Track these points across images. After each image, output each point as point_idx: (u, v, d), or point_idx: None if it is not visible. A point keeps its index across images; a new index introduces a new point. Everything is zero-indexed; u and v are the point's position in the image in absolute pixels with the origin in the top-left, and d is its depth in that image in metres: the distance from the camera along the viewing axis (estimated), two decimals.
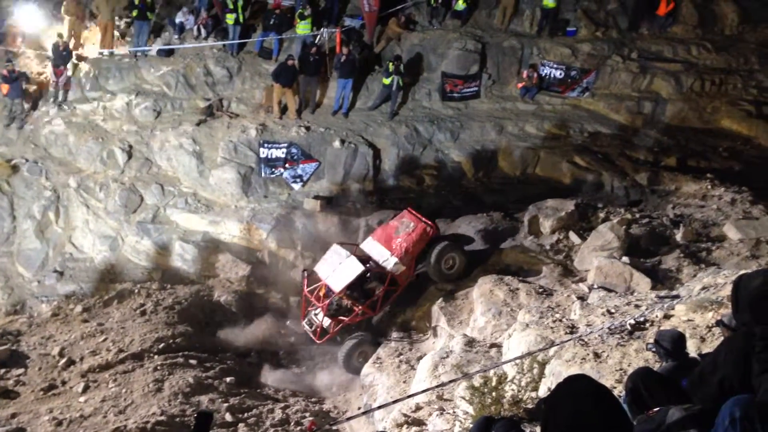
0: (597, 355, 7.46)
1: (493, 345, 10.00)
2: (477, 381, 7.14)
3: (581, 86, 18.79)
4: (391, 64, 17.37)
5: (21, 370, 12.53)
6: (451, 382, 7.78)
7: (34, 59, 17.98)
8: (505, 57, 18.85)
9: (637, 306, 8.73)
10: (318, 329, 12.87)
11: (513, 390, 7.03)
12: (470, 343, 10.18)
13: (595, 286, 10.43)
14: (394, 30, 18.63)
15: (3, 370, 12.47)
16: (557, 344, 7.69)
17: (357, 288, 12.97)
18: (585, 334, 7.87)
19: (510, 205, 16.02)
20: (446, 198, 16.93)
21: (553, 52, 18.91)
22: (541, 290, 11.09)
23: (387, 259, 12.95)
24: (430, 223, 13.42)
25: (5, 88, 16.60)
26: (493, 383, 7.04)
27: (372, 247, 13.37)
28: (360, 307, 12.81)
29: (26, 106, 17.08)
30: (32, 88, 17.46)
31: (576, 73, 18.72)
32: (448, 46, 18.54)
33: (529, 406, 6.99)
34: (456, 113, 18.30)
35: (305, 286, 13.28)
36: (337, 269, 12.75)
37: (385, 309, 13.40)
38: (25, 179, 16.16)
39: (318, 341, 13.02)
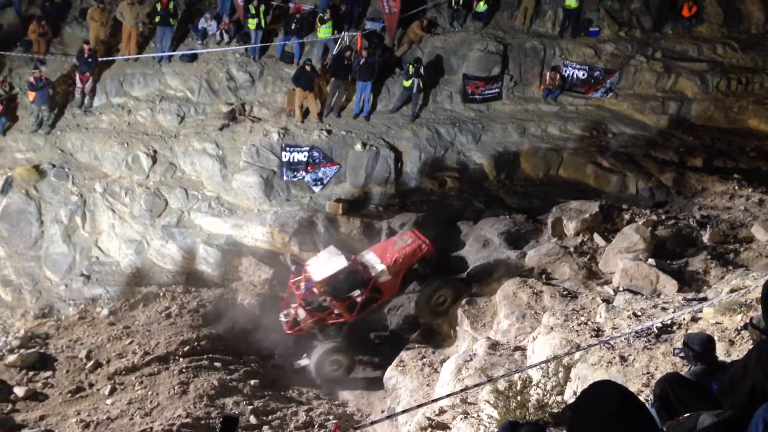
0: (623, 359, 7.39)
1: (517, 348, 9.94)
2: (501, 384, 7.10)
3: (605, 87, 18.64)
4: (411, 66, 17.38)
5: (49, 373, 12.71)
6: (476, 386, 7.74)
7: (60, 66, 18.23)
8: (527, 58, 18.75)
9: (663, 309, 8.64)
10: (291, 319, 12.81)
11: (538, 394, 6.98)
12: (494, 346, 10.13)
13: (621, 289, 10.33)
14: (415, 33, 18.62)
15: (32, 373, 12.67)
16: (583, 348, 7.62)
17: (338, 286, 12.92)
18: (611, 337, 7.80)
19: (533, 207, 15.94)
20: (468, 200, 16.88)
21: (576, 52, 18.79)
22: (565, 293, 11.00)
23: (374, 265, 13.00)
24: (428, 242, 13.38)
25: (32, 95, 16.84)
26: (518, 387, 6.99)
27: (366, 256, 13.45)
28: (337, 305, 12.70)
29: (53, 112, 17.31)
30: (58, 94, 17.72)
31: (599, 73, 18.58)
32: (469, 48, 18.48)
33: (555, 410, 6.93)
34: (477, 115, 18.24)
35: (292, 277, 13.36)
36: (324, 263, 12.88)
37: (363, 316, 13.20)
38: (52, 184, 16.40)
39: (288, 331, 12.94)
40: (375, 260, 13.14)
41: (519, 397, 6.95)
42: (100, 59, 17.68)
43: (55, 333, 14.48)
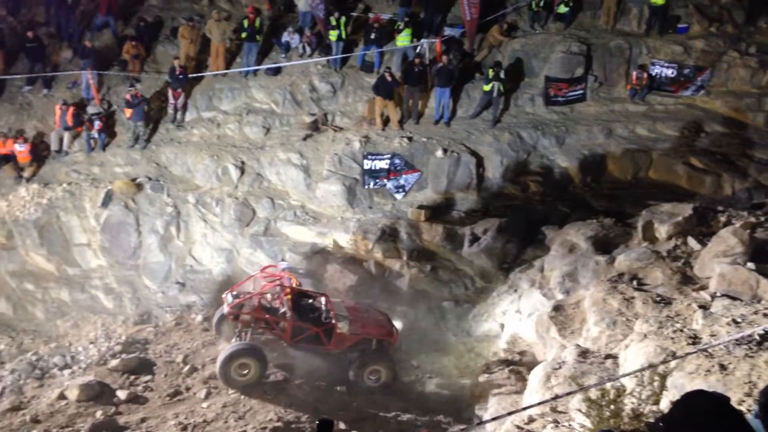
0: (723, 367, 7.11)
1: (608, 356, 9.69)
2: (594, 393, 6.96)
3: (695, 84, 17.94)
4: (491, 70, 17.29)
5: (149, 377, 13.30)
6: (567, 394, 7.61)
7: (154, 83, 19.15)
8: (612, 58, 18.32)
9: (765, 315, 8.27)
10: (237, 302, 12.71)
11: (633, 403, 6.81)
12: (584, 353, 9.92)
13: (718, 294, 9.90)
14: (495, 37, 18.52)
15: (133, 377, 13.29)
16: (679, 356, 7.38)
17: (303, 307, 12.87)
18: (709, 345, 7.51)
19: (622, 211, 15.52)
20: (553, 204, 16.59)
21: (664, 50, 18.19)
22: (658, 299, 10.64)
23: (341, 314, 12.88)
24: (396, 332, 13.33)
25: (129, 112, 17.77)
26: (611, 396, 6.84)
27: (337, 303, 13.36)
28: (288, 320, 12.51)
29: (148, 127, 18.20)
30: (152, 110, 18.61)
31: (689, 71, 17.91)
32: (551, 49, 18.22)
33: (651, 420, 6.74)
34: (561, 118, 17.93)
35: (263, 269, 13.40)
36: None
37: (297, 346, 12.98)
38: (148, 196, 17.21)
39: (228, 308, 12.81)
40: (344, 311, 13.05)
41: (612, 406, 6.80)
42: (190, 75, 18.46)
43: (153, 338, 15.15)
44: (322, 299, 13.07)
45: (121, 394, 12.80)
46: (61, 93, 18.93)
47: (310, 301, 13.04)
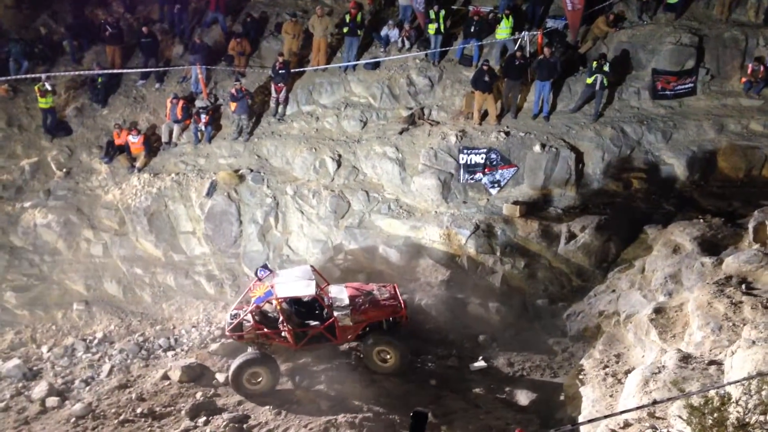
0: None
1: (712, 362, 9.23)
2: (696, 400, 6.64)
3: None
4: (594, 62, 16.75)
5: None
6: (668, 399, 7.30)
7: (258, 78, 19.78)
8: (725, 49, 17.31)
9: None
10: (236, 322, 12.71)
11: (738, 412, 6.46)
12: (685, 358, 9.49)
13: None
14: (600, 29, 17.91)
15: (231, 361, 13.77)
16: None
17: (296, 312, 12.63)
18: None
19: (732, 211, 14.70)
20: (657, 202, 15.94)
21: None
22: None
23: (341, 306, 12.63)
24: (404, 305, 12.92)
25: (233, 105, 18.45)
26: (715, 403, 6.50)
27: (339, 293, 13.06)
28: (286, 329, 12.37)
29: (251, 121, 18.83)
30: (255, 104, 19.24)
31: None
32: (659, 41, 17.43)
33: (758, 430, 6.36)
34: (668, 112, 17.14)
35: (255, 282, 13.30)
36: (293, 282, 12.62)
37: (305, 349, 12.87)
38: (249, 187, 17.81)
39: (227, 332, 12.93)
40: (344, 300, 12.85)
41: (716, 415, 6.46)
42: (292, 70, 18.93)
43: None
44: (331, 291, 13.01)
45: (220, 377, 13.36)
46: (172, 87, 19.86)
47: (309, 300, 12.95)
